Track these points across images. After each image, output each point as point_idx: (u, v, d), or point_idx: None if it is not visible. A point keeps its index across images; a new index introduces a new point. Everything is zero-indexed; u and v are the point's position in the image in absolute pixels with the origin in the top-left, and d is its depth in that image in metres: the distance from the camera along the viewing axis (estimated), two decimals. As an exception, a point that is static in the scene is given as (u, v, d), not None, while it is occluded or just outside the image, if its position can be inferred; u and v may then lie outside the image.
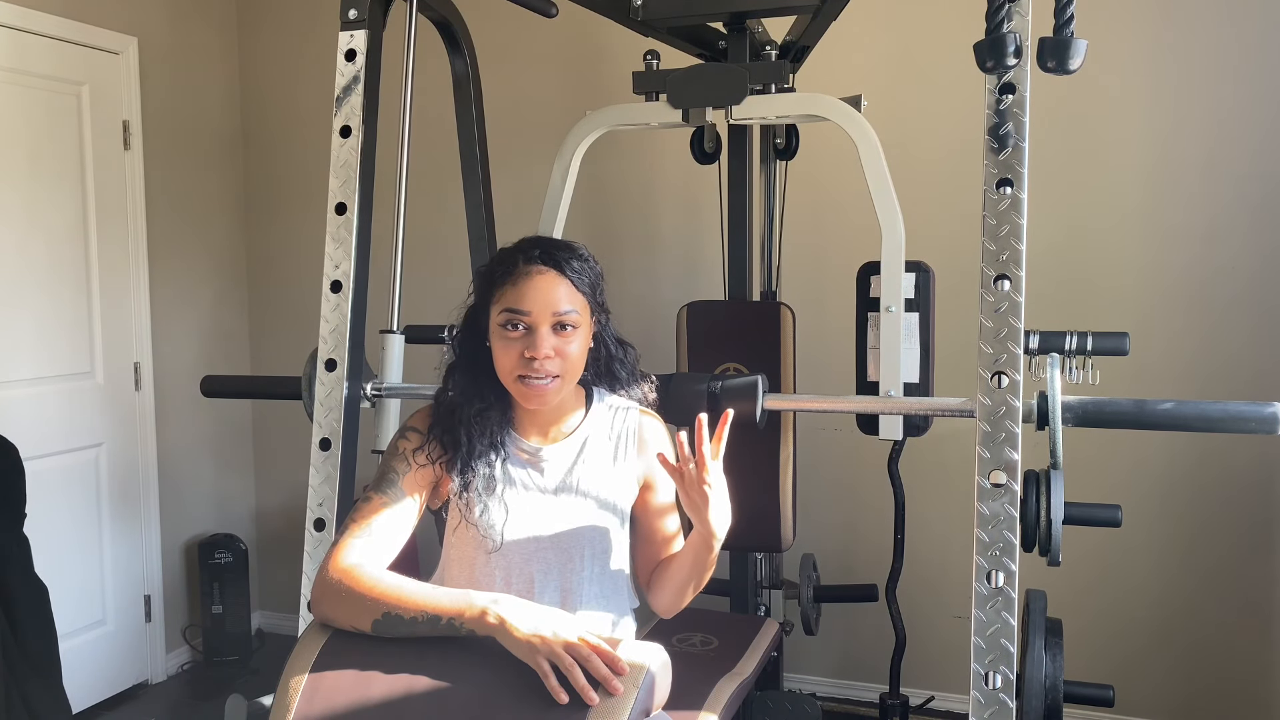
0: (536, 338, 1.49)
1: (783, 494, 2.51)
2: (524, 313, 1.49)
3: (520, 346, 1.50)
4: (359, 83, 1.99)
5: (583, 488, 1.60)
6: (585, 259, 1.56)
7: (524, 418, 1.61)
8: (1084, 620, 3.06)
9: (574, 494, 1.59)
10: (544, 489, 1.59)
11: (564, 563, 1.58)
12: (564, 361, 1.51)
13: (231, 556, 3.78)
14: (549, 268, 1.51)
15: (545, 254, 1.52)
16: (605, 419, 1.65)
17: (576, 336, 1.53)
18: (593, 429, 1.63)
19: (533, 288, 1.50)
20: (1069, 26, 1.41)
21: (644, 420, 1.67)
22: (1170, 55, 3.00)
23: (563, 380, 1.53)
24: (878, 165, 2.07)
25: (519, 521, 1.57)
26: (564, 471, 1.60)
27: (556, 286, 1.50)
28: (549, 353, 1.49)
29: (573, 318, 1.51)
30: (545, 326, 1.49)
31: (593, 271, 1.56)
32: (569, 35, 3.49)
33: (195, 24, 3.87)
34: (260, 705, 1.76)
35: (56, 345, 3.34)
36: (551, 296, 1.50)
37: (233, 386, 2.68)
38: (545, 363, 1.49)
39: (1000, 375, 1.53)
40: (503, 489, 1.57)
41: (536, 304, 1.49)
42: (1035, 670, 1.66)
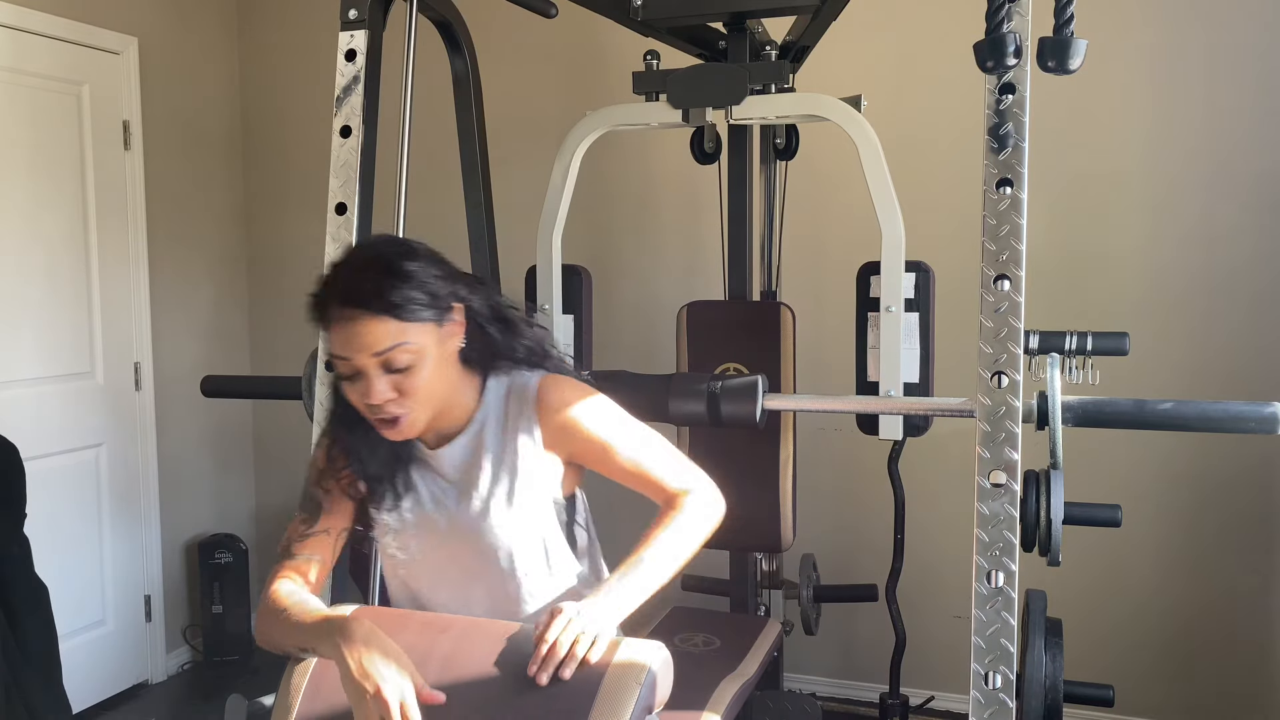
0: (367, 383, 1.34)
1: (783, 494, 2.51)
2: (344, 358, 1.34)
3: (358, 392, 1.36)
4: (359, 83, 1.99)
5: (485, 486, 1.46)
6: (406, 275, 1.33)
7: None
8: (1084, 620, 3.06)
9: (479, 494, 1.46)
10: (446, 493, 1.48)
11: (485, 568, 1.47)
12: (409, 398, 1.36)
13: (231, 556, 3.78)
14: (358, 309, 1.31)
15: (355, 292, 1.32)
16: (499, 402, 1.49)
17: (417, 367, 1.35)
18: (487, 417, 1.48)
19: (348, 335, 1.32)
20: (1069, 26, 1.41)
21: (543, 383, 1.48)
22: (1170, 55, 3.00)
23: (414, 413, 1.38)
24: (878, 165, 2.07)
25: (430, 531, 1.48)
26: (462, 472, 1.48)
27: (371, 329, 1.31)
28: (387, 396, 1.34)
29: (402, 351, 1.33)
30: (372, 368, 1.33)
31: (421, 284, 1.34)
32: (569, 35, 3.49)
33: (195, 24, 3.87)
34: (260, 705, 1.76)
35: (56, 345, 3.34)
36: (367, 340, 1.31)
37: (233, 386, 2.69)
38: (387, 406, 1.35)
39: (1000, 375, 1.53)
40: (411, 501, 1.49)
41: (355, 350, 1.32)
42: (1035, 670, 1.66)
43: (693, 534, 1.45)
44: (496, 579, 1.48)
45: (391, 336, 1.32)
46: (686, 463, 1.52)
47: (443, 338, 1.39)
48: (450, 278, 1.40)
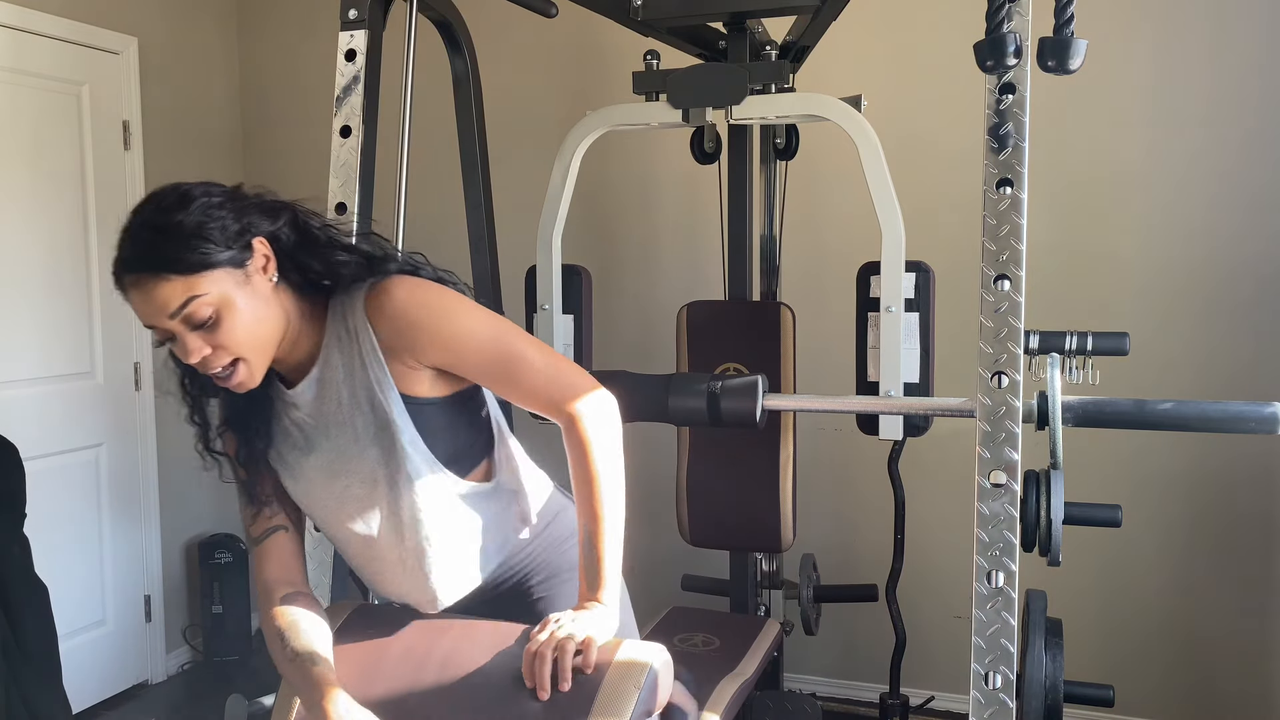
0: (181, 344, 1.27)
1: (783, 494, 2.51)
2: (149, 327, 1.28)
3: (178, 351, 1.29)
4: (359, 83, 1.99)
5: (344, 415, 1.37)
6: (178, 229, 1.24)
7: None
8: (1084, 620, 3.06)
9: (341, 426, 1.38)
10: (313, 430, 1.40)
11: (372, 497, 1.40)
12: (228, 350, 1.28)
13: (231, 556, 3.78)
14: (136, 273, 1.24)
15: (128, 261, 1.25)
16: (336, 324, 1.38)
17: (225, 317, 1.26)
18: (330, 344, 1.38)
19: (137, 301, 1.25)
20: (1069, 26, 1.41)
21: (371, 292, 1.35)
22: (1170, 55, 3.00)
23: (249, 362, 1.30)
24: (878, 165, 2.07)
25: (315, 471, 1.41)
26: (319, 406, 1.39)
27: (157, 290, 1.23)
28: (203, 353, 1.27)
29: (200, 308, 1.24)
30: (178, 329, 1.26)
31: (197, 230, 1.24)
32: (569, 35, 3.49)
33: (195, 24, 3.87)
34: (261, 705, 1.75)
35: (56, 345, 3.33)
36: (157, 304, 1.24)
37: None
38: (208, 362, 1.28)
39: (1000, 375, 1.53)
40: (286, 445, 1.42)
41: (149, 315, 1.26)
42: (1035, 670, 1.66)
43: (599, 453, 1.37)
44: (387, 506, 1.40)
45: (180, 293, 1.23)
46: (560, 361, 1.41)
47: (247, 277, 1.29)
48: (239, 213, 1.29)
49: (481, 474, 1.46)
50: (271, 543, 1.44)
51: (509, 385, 1.39)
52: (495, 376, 1.39)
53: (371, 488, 1.39)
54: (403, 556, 1.42)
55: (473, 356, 1.36)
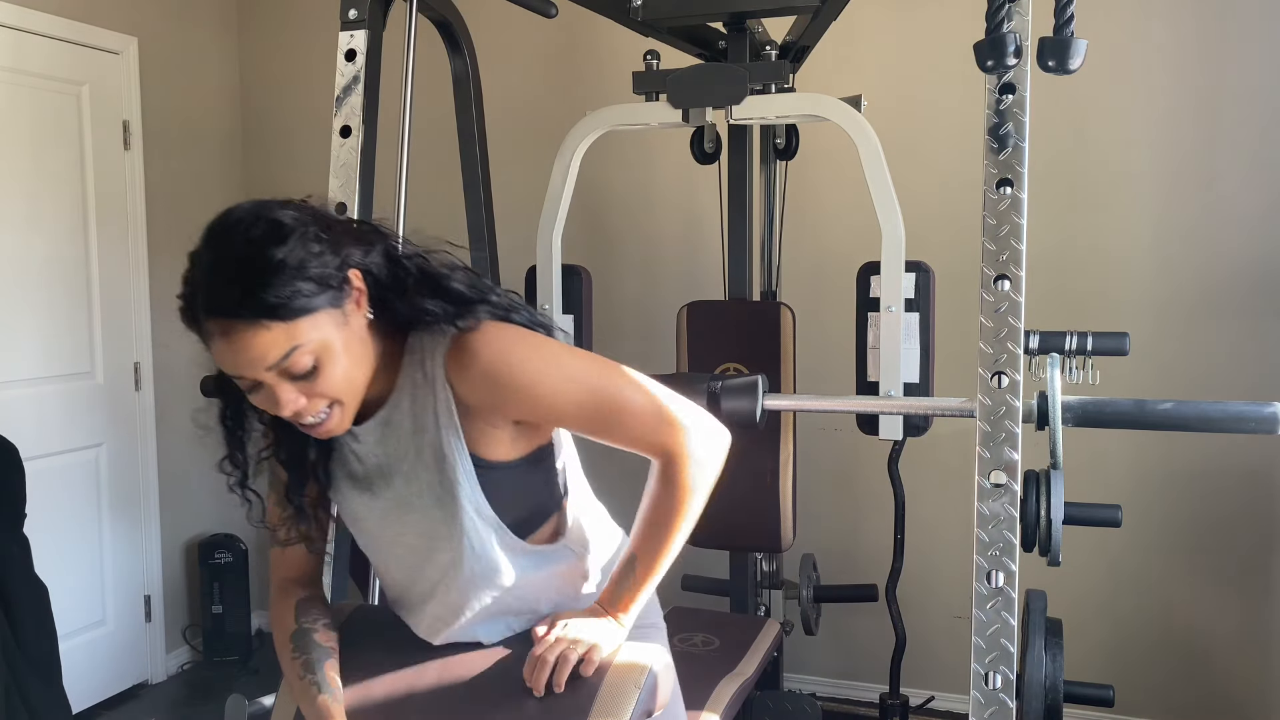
0: (272, 396, 1.16)
1: (783, 494, 2.51)
2: (236, 376, 1.16)
3: (263, 401, 1.18)
4: (359, 83, 1.99)
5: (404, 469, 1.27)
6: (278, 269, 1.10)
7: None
8: (1084, 620, 3.06)
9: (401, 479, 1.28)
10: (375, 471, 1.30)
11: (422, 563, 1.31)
12: (324, 396, 1.17)
13: (231, 556, 3.78)
14: (232, 320, 1.10)
15: (221, 305, 1.10)
16: (414, 366, 1.26)
17: (325, 367, 1.15)
18: (405, 385, 1.26)
19: (231, 353, 1.12)
20: (1069, 26, 1.41)
21: (460, 342, 1.22)
22: (1170, 54, 3.00)
23: (344, 405, 1.20)
24: (878, 165, 2.07)
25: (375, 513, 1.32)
26: (384, 449, 1.29)
27: (253, 341, 1.10)
28: (296, 406, 1.16)
29: (301, 358, 1.12)
30: (271, 379, 1.14)
31: (300, 270, 1.11)
32: (569, 35, 3.49)
33: (195, 24, 3.87)
34: (260, 705, 1.76)
35: (56, 345, 3.33)
36: (253, 355, 1.11)
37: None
38: (302, 412, 1.17)
39: (1000, 375, 1.53)
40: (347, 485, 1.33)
41: (245, 367, 1.13)
42: (1035, 670, 1.66)
43: (689, 500, 1.27)
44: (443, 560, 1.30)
45: (282, 344, 1.11)
46: (663, 398, 1.27)
47: (345, 318, 1.17)
48: (335, 244, 1.16)
49: (548, 534, 1.35)
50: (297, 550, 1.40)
51: (608, 434, 1.28)
52: (593, 428, 1.28)
53: (429, 540, 1.30)
54: (446, 600, 1.33)
55: (568, 411, 1.26)
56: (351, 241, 1.19)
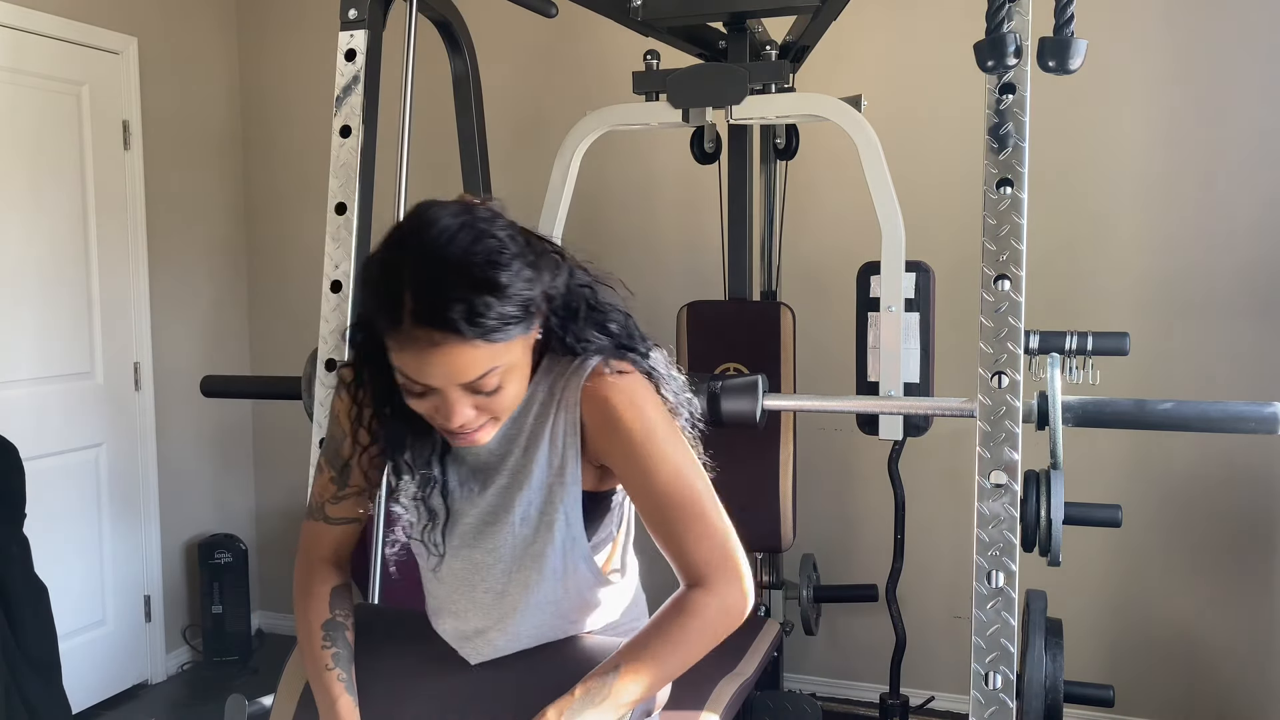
0: (448, 406, 1.16)
1: (783, 494, 2.51)
2: (422, 383, 1.15)
3: (429, 407, 1.18)
4: (359, 83, 1.99)
5: (512, 491, 1.29)
6: (503, 289, 1.11)
7: None
8: (1084, 620, 3.06)
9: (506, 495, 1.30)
10: (472, 479, 1.32)
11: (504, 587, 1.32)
12: (490, 412, 1.20)
13: (231, 556, 3.78)
14: (446, 333, 1.10)
15: (439, 315, 1.09)
16: (547, 384, 1.28)
17: (507, 385, 1.18)
18: (533, 400, 1.28)
19: (428, 361, 1.12)
20: (1069, 26, 1.41)
21: (596, 381, 1.25)
22: (1171, 54, 3.00)
23: (493, 425, 1.23)
24: (878, 165, 2.07)
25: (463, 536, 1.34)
26: (492, 458, 1.31)
27: (459, 357, 1.11)
28: (466, 420, 1.18)
29: (494, 377, 1.15)
30: (455, 392, 1.15)
31: (515, 296, 1.13)
32: (569, 35, 3.49)
33: (195, 24, 3.87)
34: (260, 705, 1.76)
35: (56, 345, 3.33)
36: (454, 369, 1.12)
37: (233, 386, 2.69)
38: (468, 424, 1.19)
39: (1000, 375, 1.53)
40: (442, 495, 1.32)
41: (437, 378, 1.13)
42: (1035, 670, 1.66)
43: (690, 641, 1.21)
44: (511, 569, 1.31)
45: (482, 364, 1.13)
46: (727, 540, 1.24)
47: (528, 342, 1.21)
48: (537, 269, 1.18)
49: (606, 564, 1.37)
50: (342, 529, 1.39)
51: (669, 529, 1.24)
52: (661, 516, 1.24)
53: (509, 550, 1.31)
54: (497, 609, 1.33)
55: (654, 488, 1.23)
56: (548, 266, 1.21)
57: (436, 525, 1.33)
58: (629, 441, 1.23)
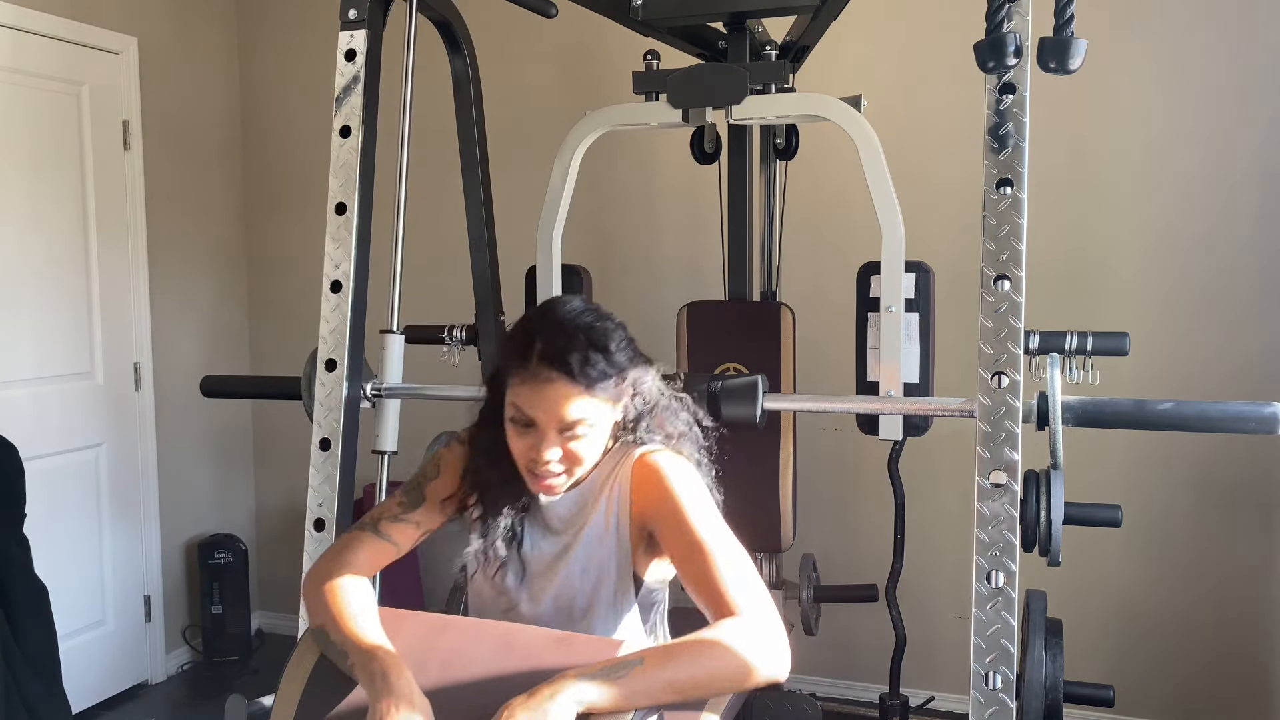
0: (542, 441, 1.40)
1: (783, 494, 2.51)
2: (529, 416, 1.39)
3: (525, 444, 1.41)
4: (359, 83, 1.99)
5: (574, 548, 1.50)
6: (610, 353, 1.40)
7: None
8: (1084, 620, 3.06)
9: (568, 555, 1.50)
10: (542, 541, 1.53)
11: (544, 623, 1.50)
12: (571, 463, 1.42)
13: (231, 556, 3.78)
14: (560, 374, 1.37)
15: (559, 357, 1.37)
16: (613, 464, 1.51)
17: (591, 438, 1.42)
18: (600, 478, 1.51)
19: (541, 394, 1.38)
20: (1069, 26, 1.41)
21: (647, 459, 1.47)
22: (1171, 54, 3.00)
23: (570, 475, 1.44)
24: (878, 165, 2.07)
25: (530, 583, 1.53)
26: (563, 525, 1.52)
27: (567, 396, 1.37)
28: (552, 459, 1.40)
29: (581, 426, 1.39)
30: (552, 432, 1.39)
31: (617, 366, 1.42)
32: (569, 35, 3.49)
33: (195, 24, 3.87)
34: (260, 705, 1.75)
35: (56, 345, 3.34)
36: (560, 407, 1.37)
37: (233, 386, 2.69)
38: (550, 465, 1.41)
39: (1000, 375, 1.53)
40: (518, 549, 1.52)
41: (543, 411, 1.38)
42: (1035, 670, 1.66)
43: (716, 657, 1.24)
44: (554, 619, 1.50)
45: (581, 409, 1.38)
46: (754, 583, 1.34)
47: (614, 415, 1.46)
48: (634, 355, 1.47)
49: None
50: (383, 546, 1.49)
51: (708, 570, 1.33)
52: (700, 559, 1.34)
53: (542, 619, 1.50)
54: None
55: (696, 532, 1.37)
56: (642, 361, 1.51)
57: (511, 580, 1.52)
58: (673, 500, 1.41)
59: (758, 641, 1.26)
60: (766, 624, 1.28)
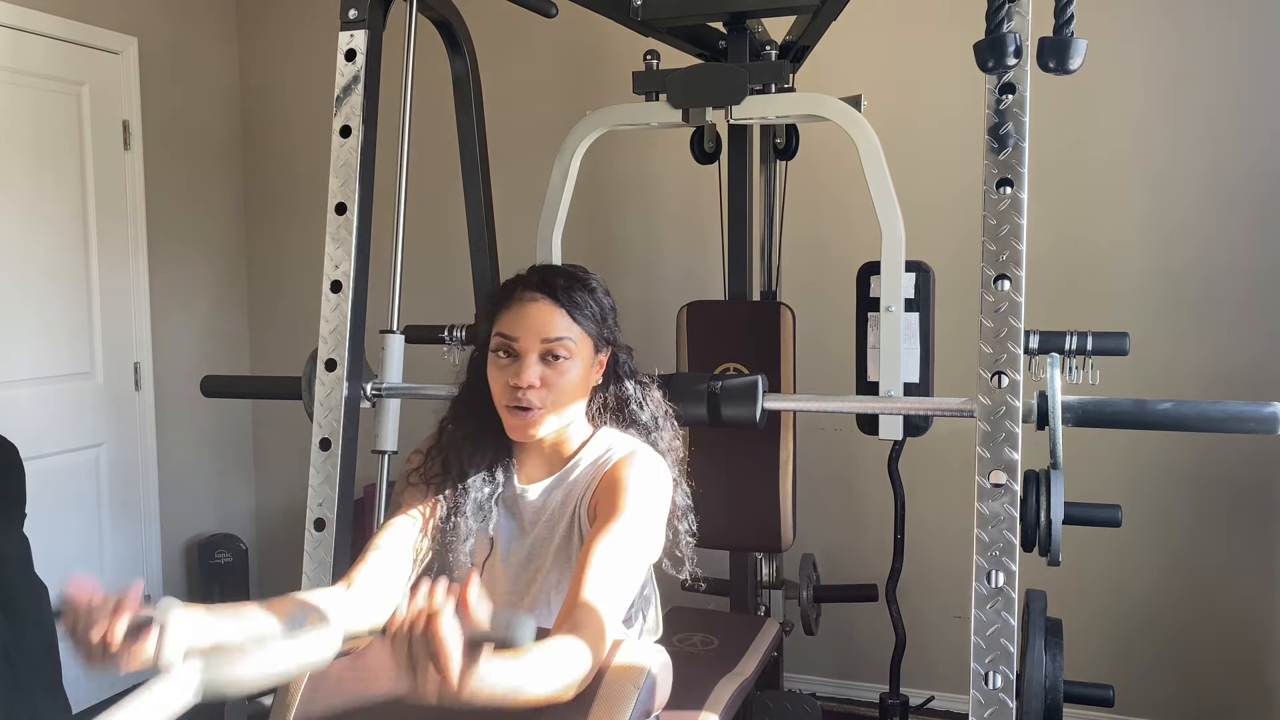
0: (522, 365, 1.43)
1: (783, 494, 2.51)
2: (513, 338, 1.44)
3: (507, 374, 1.45)
4: (359, 83, 1.99)
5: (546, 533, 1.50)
6: (591, 289, 1.50)
7: (522, 455, 1.55)
8: (1084, 620, 3.06)
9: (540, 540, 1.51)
10: (516, 530, 1.53)
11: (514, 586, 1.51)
12: (550, 392, 1.44)
13: (231, 556, 3.78)
14: (543, 295, 1.46)
15: (543, 281, 1.48)
16: (594, 457, 1.52)
17: (569, 367, 1.45)
18: (577, 468, 1.52)
19: (524, 314, 1.45)
20: (1069, 26, 1.41)
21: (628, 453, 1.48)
22: (1171, 54, 3.00)
23: (548, 411, 1.45)
24: (878, 165, 2.07)
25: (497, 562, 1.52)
26: (535, 514, 1.52)
27: (549, 313, 1.45)
28: (533, 381, 1.43)
29: (565, 346, 1.44)
30: (533, 354, 1.44)
31: (599, 303, 1.50)
32: (569, 35, 3.49)
33: (195, 24, 3.87)
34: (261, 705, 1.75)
35: (56, 345, 3.34)
36: (541, 322, 1.44)
37: (233, 386, 2.68)
38: (529, 392, 1.43)
39: (1000, 375, 1.53)
40: (491, 523, 1.51)
41: (525, 329, 1.44)
42: (1035, 670, 1.66)
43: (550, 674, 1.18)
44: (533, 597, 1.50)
45: (562, 327, 1.44)
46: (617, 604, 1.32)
47: (592, 362, 1.50)
48: (615, 321, 1.54)
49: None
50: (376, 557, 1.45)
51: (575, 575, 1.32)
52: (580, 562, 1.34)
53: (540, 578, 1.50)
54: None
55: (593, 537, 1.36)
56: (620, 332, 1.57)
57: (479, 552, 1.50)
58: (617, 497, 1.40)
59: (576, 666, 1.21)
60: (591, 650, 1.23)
